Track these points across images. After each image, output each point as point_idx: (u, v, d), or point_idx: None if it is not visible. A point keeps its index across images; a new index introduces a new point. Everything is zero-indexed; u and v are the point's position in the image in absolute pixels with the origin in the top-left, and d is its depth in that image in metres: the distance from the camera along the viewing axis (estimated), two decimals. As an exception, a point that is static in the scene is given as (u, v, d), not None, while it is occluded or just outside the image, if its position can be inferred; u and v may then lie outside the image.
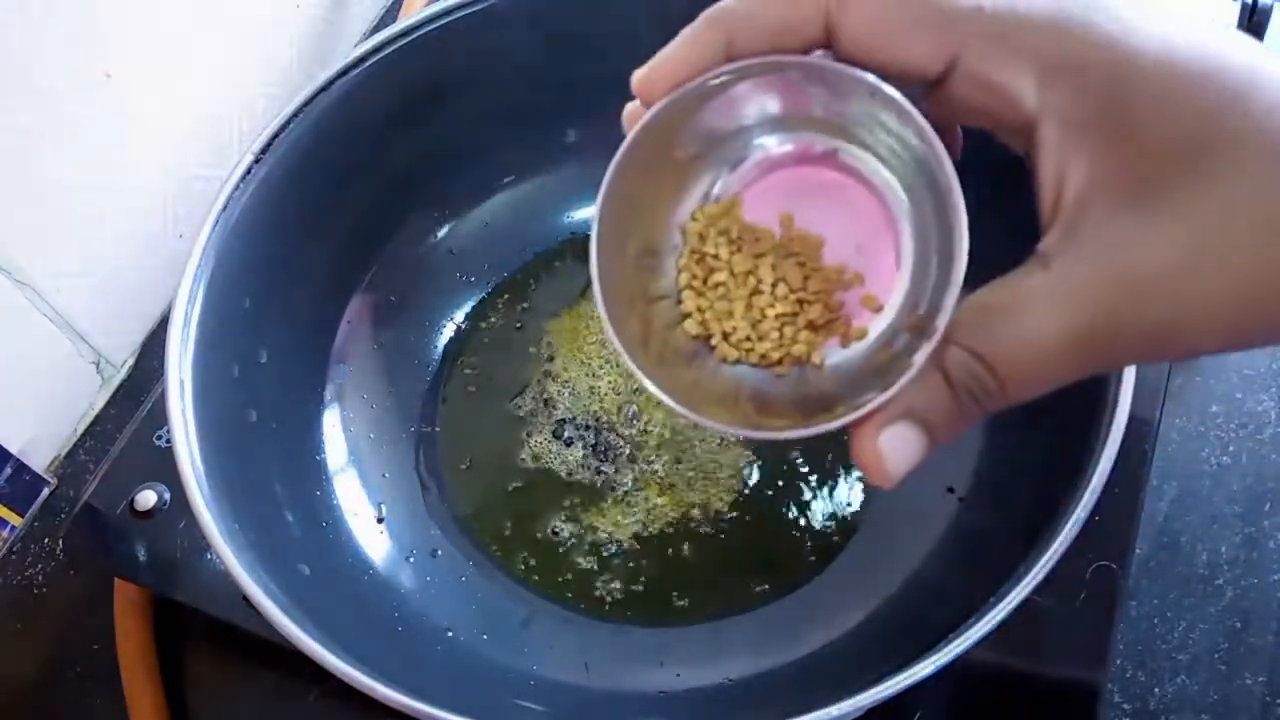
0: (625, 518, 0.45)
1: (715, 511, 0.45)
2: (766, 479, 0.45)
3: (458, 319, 0.51)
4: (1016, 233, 0.23)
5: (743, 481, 0.45)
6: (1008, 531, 0.36)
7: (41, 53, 0.45)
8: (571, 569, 0.44)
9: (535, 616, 0.43)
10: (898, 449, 0.21)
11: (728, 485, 0.45)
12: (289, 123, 0.42)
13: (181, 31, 0.52)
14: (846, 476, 0.45)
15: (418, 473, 0.47)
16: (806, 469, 0.45)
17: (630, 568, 0.44)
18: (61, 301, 0.50)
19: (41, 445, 0.52)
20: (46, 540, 0.50)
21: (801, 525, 0.44)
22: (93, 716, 0.45)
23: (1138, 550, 0.43)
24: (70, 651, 0.47)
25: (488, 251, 0.52)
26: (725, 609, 0.43)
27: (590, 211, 0.52)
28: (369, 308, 0.49)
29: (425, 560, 0.44)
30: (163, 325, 0.55)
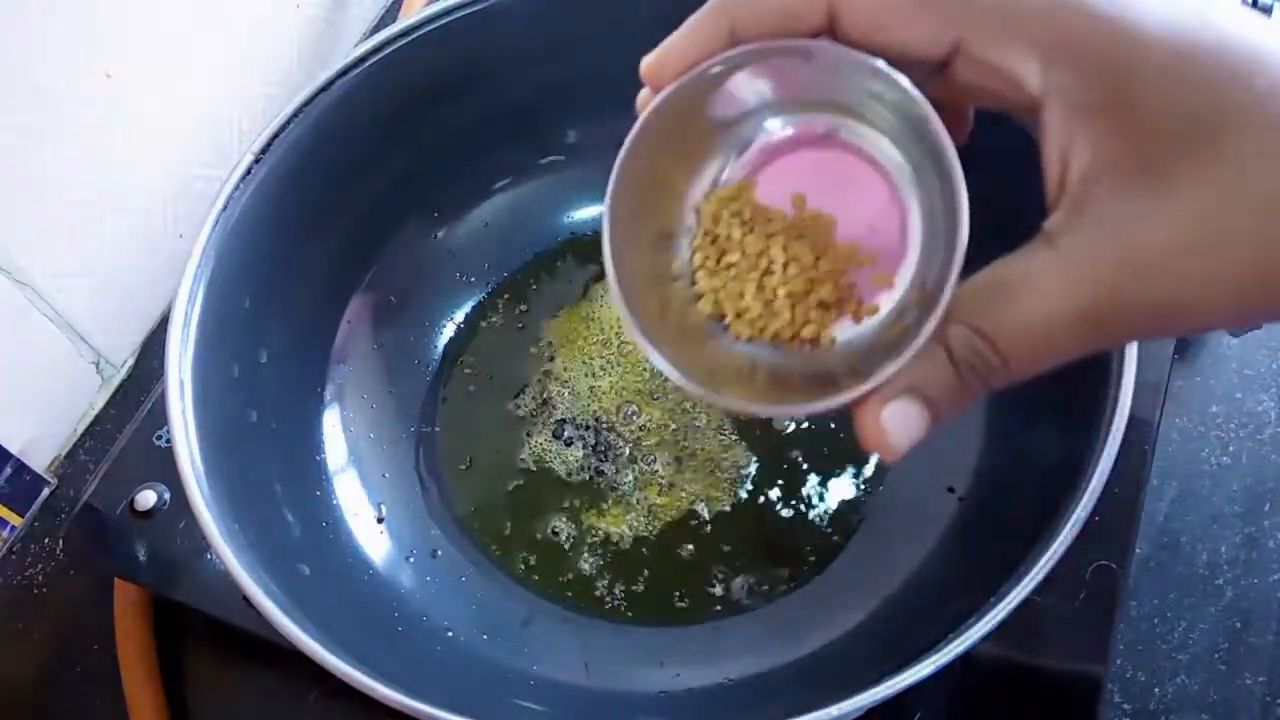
0: (625, 518, 0.45)
1: (715, 511, 0.45)
2: (766, 479, 0.45)
3: (458, 319, 0.51)
4: (1021, 216, 0.23)
5: (743, 481, 0.45)
6: (1008, 531, 0.36)
7: (41, 53, 0.45)
8: (571, 569, 0.44)
9: (535, 616, 0.43)
10: (900, 424, 0.22)
11: (728, 485, 0.45)
12: (289, 123, 0.42)
13: (181, 31, 0.52)
14: (846, 477, 0.45)
15: (418, 473, 0.47)
16: (807, 469, 0.45)
17: (630, 568, 0.44)
18: (61, 301, 0.50)
19: (41, 445, 0.52)
20: (46, 540, 0.50)
21: (801, 525, 0.44)
22: (93, 716, 0.45)
23: (1138, 550, 0.43)
24: (70, 651, 0.47)
25: (488, 251, 0.52)
26: (725, 609, 0.43)
27: (591, 211, 0.53)
28: (369, 308, 0.49)
29: (425, 560, 0.44)
30: (163, 325, 0.55)
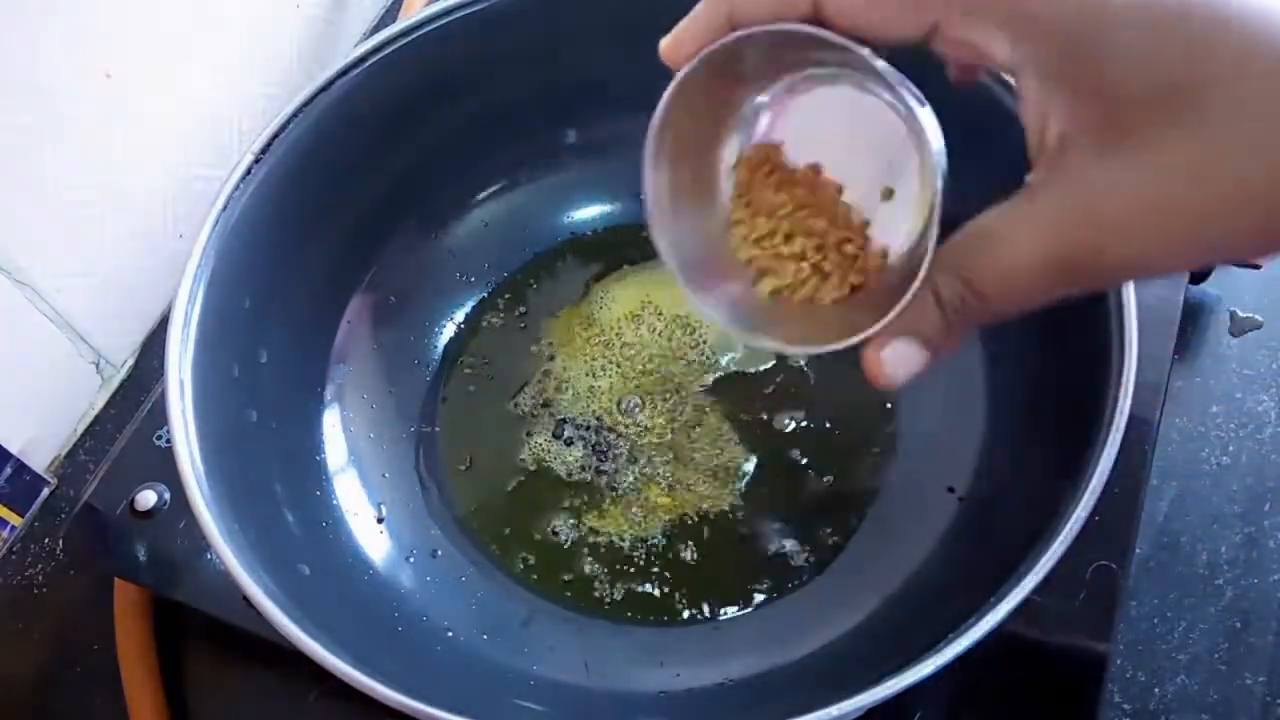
0: (625, 518, 0.45)
1: (715, 511, 0.45)
2: (766, 479, 0.45)
3: (458, 319, 0.51)
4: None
5: (743, 481, 0.45)
6: (1008, 531, 0.36)
7: (41, 53, 0.45)
8: (571, 569, 0.44)
9: (535, 616, 0.43)
10: (897, 361, 0.26)
11: (728, 485, 0.45)
12: (289, 123, 0.42)
13: (181, 31, 0.52)
14: (846, 476, 0.45)
15: (418, 473, 0.47)
16: (807, 469, 0.45)
17: (630, 568, 0.44)
18: (61, 301, 0.50)
19: (41, 445, 0.52)
20: (46, 540, 0.50)
21: (801, 525, 0.44)
22: (93, 716, 0.45)
23: (1138, 550, 0.43)
24: (70, 651, 0.47)
25: (488, 251, 0.52)
26: (725, 608, 0.43)
27: (591, 211, 0.53)
28: (369, 308, 0.49)
29: (425, 560, 0.44)
30: (163, 325, 0.55)
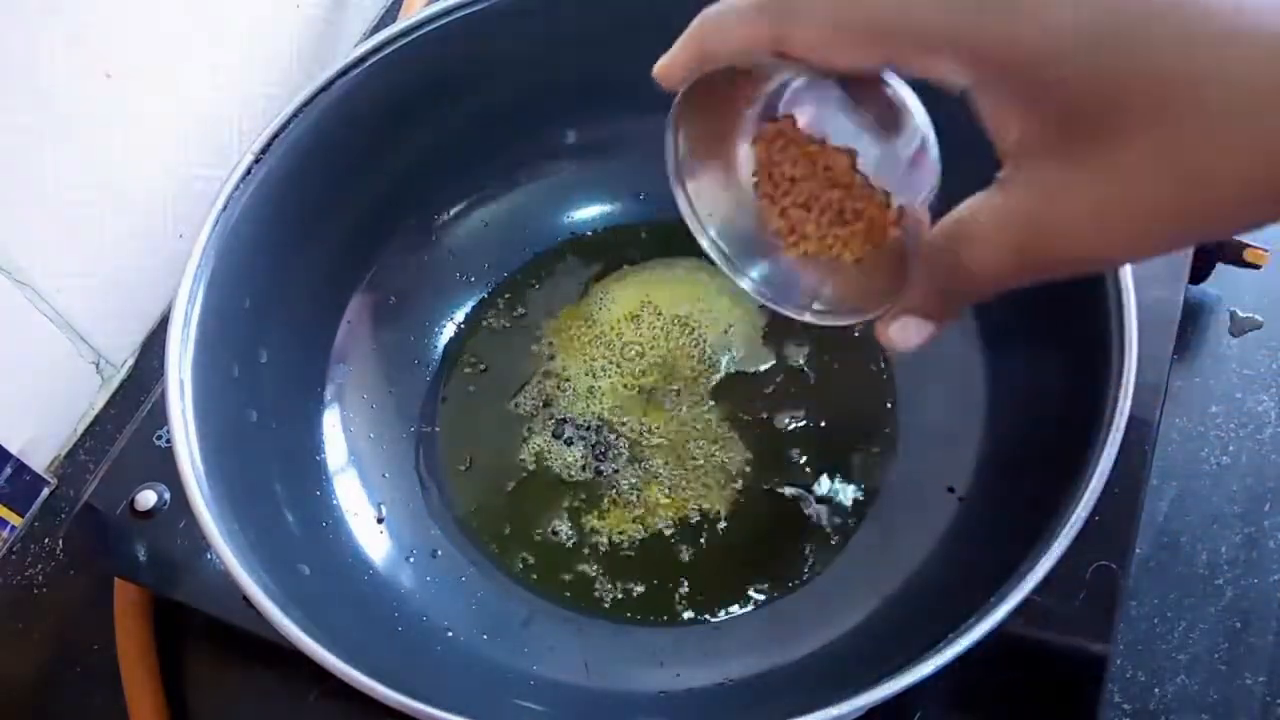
0: (625, 518, 0.45)
1: (715, 511, 0.45)
2: (767, 479, 0.45)
3: (458, 319, 0.51)
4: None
5: (743, 481, 0.45)
6: (1008, 531, 0.36)
7: (41, 53, 0.45)
8: (571, 569, 0.44)
9: (535, 616, 0.43)
10: (905, 334, 0.29)
11: (728, 485, 0.45)
12: (289, 123, 0.42)
13: (181, 31, 0.52)
14: (846, 477, 0.45)
15: (418, 473, 0.47)
16: (807, 469, 0.45)
17: (630, 568, 0.44)
18: (61, 301, 0.50)
19: (41, 445, 0.52)
20: (46, 540, 0.50)
21: (801, 525, 0.44)
22: (93, 716, 0.45)
23: (1138, 550, 0.43)
24: (70, 651, 0.47)
25: (488, 251, 0.52)
26: (725, 609, 0.43)
27: (591, 211, 0.53)
28: (369, 308, 0.49)
29: (425, 560, 0.44)
30: (163, 325, 0.55)
